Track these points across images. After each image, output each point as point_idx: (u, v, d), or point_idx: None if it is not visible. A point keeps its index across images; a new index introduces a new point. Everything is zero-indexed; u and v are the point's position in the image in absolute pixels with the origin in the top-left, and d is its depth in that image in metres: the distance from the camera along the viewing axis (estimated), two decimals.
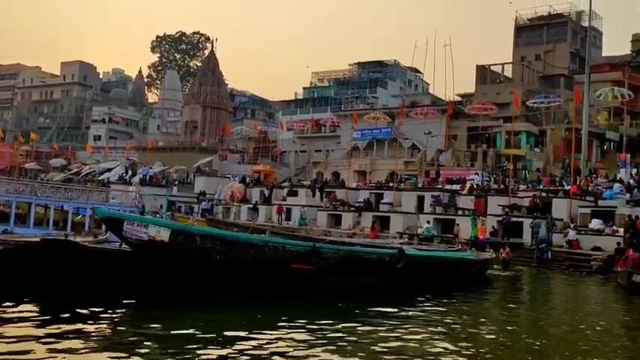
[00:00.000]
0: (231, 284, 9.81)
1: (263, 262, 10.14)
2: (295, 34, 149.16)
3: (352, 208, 30.89)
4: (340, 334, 7.82)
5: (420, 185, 33.57)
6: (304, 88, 68.27)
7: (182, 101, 67.81)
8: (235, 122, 64.95)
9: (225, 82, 65.94)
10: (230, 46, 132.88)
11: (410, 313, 9.99)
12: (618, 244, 19.04)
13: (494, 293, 14.19)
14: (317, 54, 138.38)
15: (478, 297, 12.86)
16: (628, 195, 23.48)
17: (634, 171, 29.57)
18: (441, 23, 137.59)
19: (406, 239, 21.71)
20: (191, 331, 7.51)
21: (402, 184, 34.26)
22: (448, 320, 9.59)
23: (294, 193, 35.65)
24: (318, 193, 34.75)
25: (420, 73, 65.65)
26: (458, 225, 23.73)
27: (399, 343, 7.56)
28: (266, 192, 37.21)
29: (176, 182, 43.66)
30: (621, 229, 19.86)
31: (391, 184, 33.73)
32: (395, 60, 66.07)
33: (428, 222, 24.81)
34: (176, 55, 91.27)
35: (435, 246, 18.92)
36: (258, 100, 79.25)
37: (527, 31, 56.04)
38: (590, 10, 36.52)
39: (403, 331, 8.34)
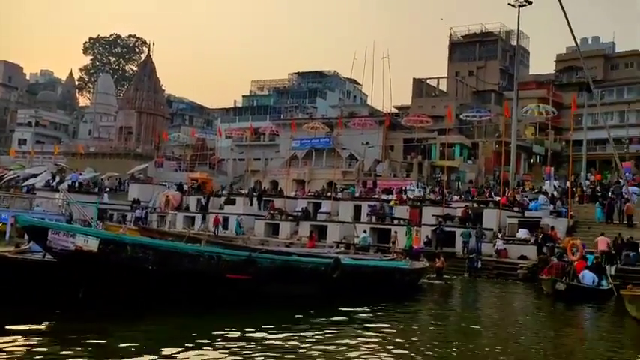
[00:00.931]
0: (165, 295, 9.53)
1: (198, 272, 9.93)
2: (235, 41, 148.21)
3: (290, 218, 30.86)
4: (274, 343, 7.74)
5: (357, 195, 33.98)
6: (243, 96, 67.83)
7: (116, 106, 65.68)
8: (172, 129, 63.56)
9: (163, 87, 64.51)
10: (168, 51, 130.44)
11: (344, 322, 10.03)
12: (541, 253, 20.01)
13: (427, 301, 14.52)
14: (257, 62, 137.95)
15: (411, 305, 13.12)
16: (551, 206, 24.71)
17: (556, 183, 31.20)
18: (379, 36, 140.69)
19: (343, 248, 21.86)
20: (120, 345, 7.21)
21: (340, 194, 34.56)
22: (381, 328, 9.69)
23: (232, 202, 35.23)
24: (255, 202, 34.50)
25: (359, 84, 66.74)
26: (396, 232, 24.27)
27: (330, 351, 7.56)
28: (203, 200, 36.56)
29: (107, 189, 41.98)
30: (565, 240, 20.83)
31: (329, 194, 33.99)
32: (334, 71, 66.89)
33: (365, 231, 25.14)
34: (110, 58, 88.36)
35: (370, 255, 19.16)
36: (196, 106, 77.96)
37: (461, 48, 58.27)
38: (518, 30, 38.40)
39: (336, 339, 8.37)
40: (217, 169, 51.47)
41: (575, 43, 9.83)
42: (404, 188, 33.83)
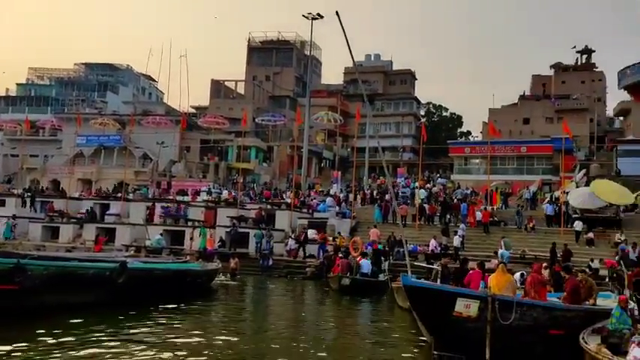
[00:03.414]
0: None
1: None
2: (9, 21, 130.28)
3: (73, 220, 28.30)
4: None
5: (150, 196, 32.60)
6: (19, 85, 60.26)
7: None
8: None
9: None
10: None
11: (130, 329, 9.46)
12: (326, 251, 21.39)
13: (219, 302, 14.47)
14: (36, 47, 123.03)
15: (202, 307, 12.92)
16: (337, 208, 26.67)
17: (343, 186, 33.81)
18: (177, 33, 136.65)
19: (133, 252, 20.73)
20: None
21: (132, 195, 32.83)
22: (169, 331, 9.36)
23: (1, 203, 31.00)
24: (30, 203, 30.87)
25: (155, 81, 64.14)
26: (194, 229, 24.09)
27: None
28: None
29: None
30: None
31: (119, 194, 32.00)
32: (128, 65, 63.25)
33: (161, 234, 24.14)
34: None
35: (162, 258, 18.49)
36: None
37: (259, 53, 59.83)
38: (311, 41, 40.79)
39: (119, 348, 7.84)
40: None
41: (353, 62, 10.75)
42: (208, 189, 33.48)
